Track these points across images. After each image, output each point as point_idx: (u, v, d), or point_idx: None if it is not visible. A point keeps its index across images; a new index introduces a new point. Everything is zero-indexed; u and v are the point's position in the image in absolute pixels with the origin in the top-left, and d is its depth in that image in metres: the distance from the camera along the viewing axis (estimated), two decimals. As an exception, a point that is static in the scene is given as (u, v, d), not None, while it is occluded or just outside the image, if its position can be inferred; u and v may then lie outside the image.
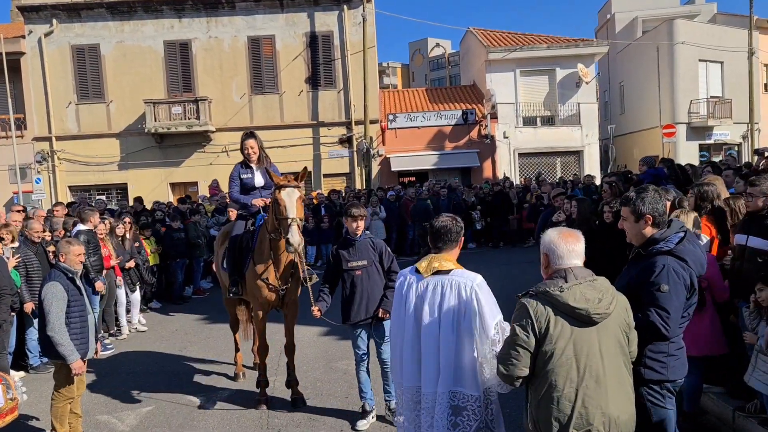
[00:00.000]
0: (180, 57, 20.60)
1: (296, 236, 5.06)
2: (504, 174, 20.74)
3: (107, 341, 8.33)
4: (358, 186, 20.31)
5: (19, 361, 7.25)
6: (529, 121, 22.48)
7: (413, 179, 21.12)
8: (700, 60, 24.74)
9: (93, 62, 20.41)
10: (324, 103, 20.91)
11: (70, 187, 20.58)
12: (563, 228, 2.89)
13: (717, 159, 20.15)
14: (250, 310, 6.68)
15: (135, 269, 9.54)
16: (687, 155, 22.80)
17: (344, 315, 5.10)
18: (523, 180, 19.52)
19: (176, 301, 11.22)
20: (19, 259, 6.88)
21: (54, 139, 20.31)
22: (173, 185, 20.81)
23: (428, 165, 21.13)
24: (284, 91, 20.74)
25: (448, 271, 3.26)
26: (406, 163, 21.00)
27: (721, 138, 24.99)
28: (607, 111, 30.40)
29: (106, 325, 8.71)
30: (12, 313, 6.64)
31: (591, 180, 16.45)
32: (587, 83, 22.41)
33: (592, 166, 22.18)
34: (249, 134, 6.16)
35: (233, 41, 20.62)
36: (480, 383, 3.12)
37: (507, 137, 21.86)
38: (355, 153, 20.88)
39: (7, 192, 20.26)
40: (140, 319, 9.59)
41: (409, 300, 3.34)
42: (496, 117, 21.53)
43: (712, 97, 24.88)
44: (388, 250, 5.18)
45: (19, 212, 8.66)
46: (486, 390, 3.14)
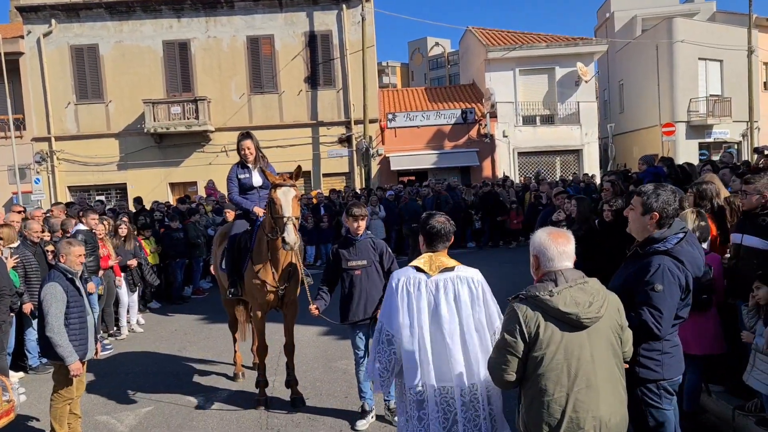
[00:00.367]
0: (179, 57, 20.59)
1: (292, 235, 5.05)
2: (504, 173, 20.74)
3: (106, 341, 8.33)
4: (358, 185, 20.30)
5: (18, 362, 7.24)
6: (529, 120, 22.47)
7: (413, 178, 21.12)
8: (700, 58, 24.73)
9: (92, 62, 20.40)
10: (323, 103, 20.90)
11: (70, 188, 20.58)
12: (552, 228, 2.84)
13: (716, 158, 20.14)
14: (249, 310, 6.67)
15: (137, 269, 9.53)
16: (686, 154, 22.79)
17: (342, 315, 5.09)
18: (523, 179, 19.50)
19: (175, 301, 11.22)
20: (18, 260, 6.87)
21: (53, 140, 20.31)
22: (172, 185, 20.81)
23: (428, 164, 21.13)
24: (283, 91, 20.73)
25: (452, 268, 3.37)
26: (406, 163, 21.00)
27: (721, 136, 24.98)
28: (607, 110, 30.39)
29: (106, 326, 8.71)
30: (11, 314, 6.63)
31: (590, 179, 16.46)
32: (586, 82, 22.40)
33: (592, 165, 22.18)
34: (245, 135, 6.15)
35: (232, 41, 20.62)
36: None
37: (506, 136, 21.86)
38: (355, 152, 20.87)
39: (7, 192, 20.26)
40: (139, 320, 9.59)
41: (422, 299, 3.32)
42: (496, 116, 21.52)
43: (712, 96, 24.87)
44: (389, 251, 5.16)
45: (20, 213, 8.66)
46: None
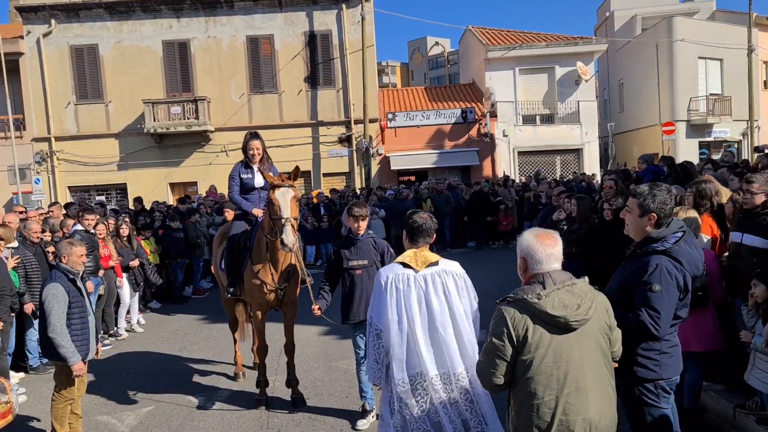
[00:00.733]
0: (179, 57, 20.59)
1: (290, 236, 5.04)
2: (504, 172, 20.74)
3: (107, 341, 8.34)
4: (358, 185, 20.30)
5: (19, 362, 7.24)
6: (529, 120, 22.47)
7: (413, 178, 21.12)
8: (700, 57, 24.72)
9: (92, 62, 20.41)
10: (323, 103, 20.90)
11: (70, 188, 20.58)
12: (540, 230, 2.83)
13: (716, 157, 20.13)
14: (249, 310, 6.67)
15: (139, 269, 9.53)
16: (687, 153, 22.78)
17: (344, 315, 5.08)
18: (524, 179, 19.50)
19: (176, 301, 11.22)
20: (19, 260, 6.87)
21: (53, 140, 20.32)
22: (173, 185, 20.81)
23: (428, 164, 21.12)
24: (283, 91, 20.73)
25: (437, 262, 3.56)
26: (406, 162, 20.99)
27: (721, 135, 24.98)
28: (607, 109, 30.38)
29: (106, 326, 8.72)
30: (11, 314, 6.63)
31: (590, 179, 16.44)
32: (586, 81, 22.40)
33: (592, 164, 22.18)
34: (254, 135, 6.13)
35: (232, 41, 20.61)
36: None
37: (506, 135, 21.86)
38: (355, 152, 20.87)
39: (7, 193, 20.26)
40: (139, 320, 9.59)
41: (411, 294, 3.46)
42: (496, 115, 21.52)
43: (712, 95, 24.87)
44: (391, 251, 5.12)
45: (21, 213, 8.66)
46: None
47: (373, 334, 3.55)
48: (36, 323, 6.42)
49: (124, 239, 9.42)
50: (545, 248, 2.69)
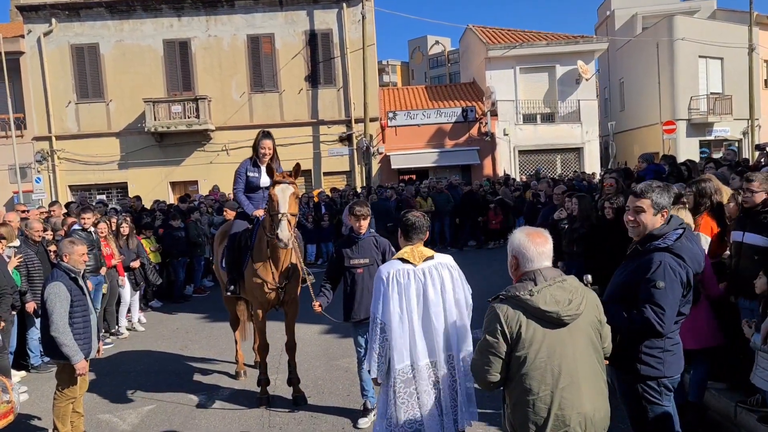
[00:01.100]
0: (179, 56, 20.59)
1: (285, 231, 5.05)
2: (504, 171, 20.74)
3: (108, 340, 8.35)
4: (358, 184, 20.31)
5: (21, 361, 7.25)
6: (529, 119, 22.45)
7: (413, 177, 21.12)
8: (700, 56, 24.70)
9: (92, 61, 20.40)
10: (324, 101, 20.90)
11: (70, 187, 20.58)
12: (530, 228, 2.87)
13: (717, 155, 20.13)
14: (250, 309, 6.68)
15: (140, 269, 9.54)
16: (687, 152, 22.79)
17: (345, 313, 5.09)
18: (524, 177, 19.48)
19: (177, 300, 11.23)
20: (21, 259, 6.88)
21: (54, 139, 20.31)
22: (173, 184, 20.82)
23: (428, 163, 21.12)
24: (284, 90, 20.73)
25: (432, 256, 3.74)
26: (406, 161, 20.99)
27: (722, 134, 24.96)
28: (607, 108, 30.37)
29: (107, 324, 8.73)
30: (13, 313, 6.64)
31: (590, 178, 16.43)
32: (587, 80, 22.39)
33: (593, 163, 22.18)
34: (266, 134, 6.09)
35: (232, 40, 20.61)
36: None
37: (507, 134, 21.85)
38: (355, 151, 20.87)
39: (7, 192, 20.26)
40: (140, 318, 9.60)
41: (410, 287, 3.62)
42: (496, 114, 21.51)
43: (712, 94, 24.85)
44: (392, 250, 5.09)
45: (23, 212, 8.67)
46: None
47: (378, 328, 3.66)
48: (38, 322, 6.43)
49: (123, 238, 9.41)
50: (536, 246, 2.73)
